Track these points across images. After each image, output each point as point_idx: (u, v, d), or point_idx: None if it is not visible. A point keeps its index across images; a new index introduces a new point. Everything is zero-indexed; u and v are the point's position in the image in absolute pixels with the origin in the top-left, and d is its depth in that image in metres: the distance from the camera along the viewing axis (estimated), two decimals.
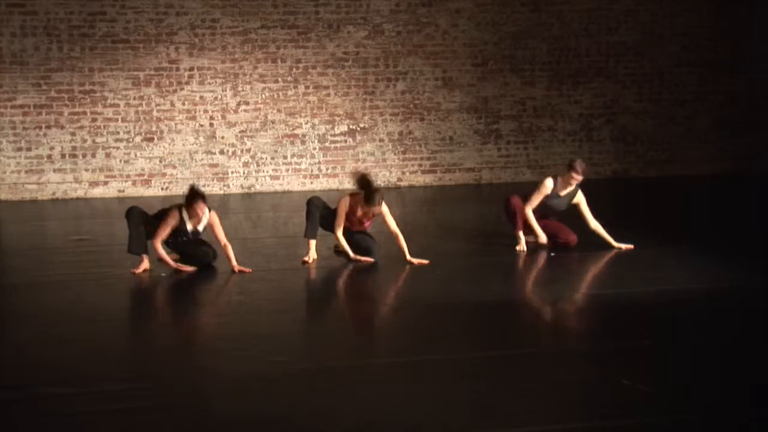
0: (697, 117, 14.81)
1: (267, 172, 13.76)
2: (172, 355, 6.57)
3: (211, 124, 13.56)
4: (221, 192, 13.55)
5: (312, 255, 8.88)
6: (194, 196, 8.50)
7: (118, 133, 13.29)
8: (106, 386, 5.69)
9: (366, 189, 8.75)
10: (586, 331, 6.78)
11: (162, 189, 13.40)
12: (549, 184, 9.35)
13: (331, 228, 8.94)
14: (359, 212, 8.84)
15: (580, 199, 9.37)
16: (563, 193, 9.36)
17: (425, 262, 8.78)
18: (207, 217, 8.58)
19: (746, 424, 5.16)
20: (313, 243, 8.92)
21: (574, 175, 9.23)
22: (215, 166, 13.58)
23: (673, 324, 6.92)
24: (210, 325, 7.26)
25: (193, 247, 8.68)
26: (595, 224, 9.35)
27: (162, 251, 8.45)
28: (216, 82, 13.48)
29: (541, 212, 9.41)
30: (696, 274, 8.32)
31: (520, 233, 9.35)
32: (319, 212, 8.90)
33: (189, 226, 8.58)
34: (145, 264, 8.47)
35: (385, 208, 8.78)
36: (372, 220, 8.99)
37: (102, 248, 9.82)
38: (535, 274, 8.90)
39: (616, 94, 14.57)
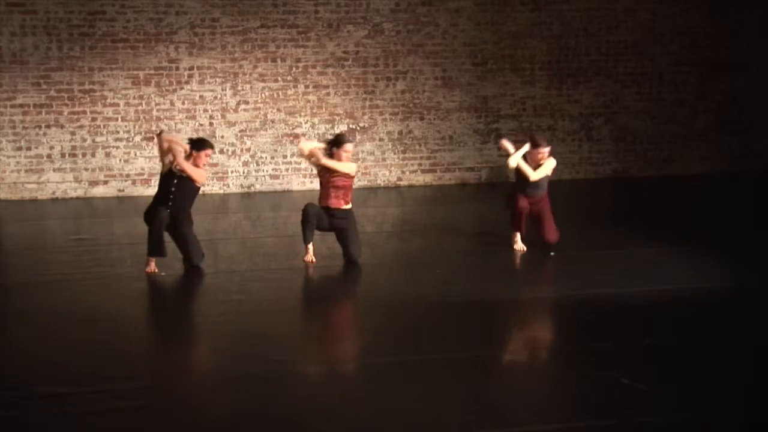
0: (697, 116, 14.80)
1: (267, 171, 13.75)
2: (172, 355, 6.58)
3: (211, 124, 13.55)
4: (221, 191, 13.54)
5: (311, 256, 8.87)
6: (204, 142, 8.65)
7: (118, 132, 13.28)
8: (106, 386, 5.69)
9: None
10: (586, 331, 6.77)
11: None
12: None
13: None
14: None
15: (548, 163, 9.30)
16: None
17: None
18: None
19: (746, 425, 5.16)
20: (310, 246, 8.91)
21: (541, 150, 9.18)
22: (215, 165, 13.56)
23: (673, 324, 6.92)
24: (210, 325, 7.26)
25: (182, 243, 8.60)
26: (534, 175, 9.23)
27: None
28: (216, 81, 13.47)
29: (526, 194, 9.28)
30: (696, 274, 8.32)
31: (518, 234, 9.32)
32: (315, 219, 8.82)
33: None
34: (152, 266, 8.49)
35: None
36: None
37: (102, 248, 9.83)
38: (535, 274, 8.90)
39: (616, 93, 14.56)
